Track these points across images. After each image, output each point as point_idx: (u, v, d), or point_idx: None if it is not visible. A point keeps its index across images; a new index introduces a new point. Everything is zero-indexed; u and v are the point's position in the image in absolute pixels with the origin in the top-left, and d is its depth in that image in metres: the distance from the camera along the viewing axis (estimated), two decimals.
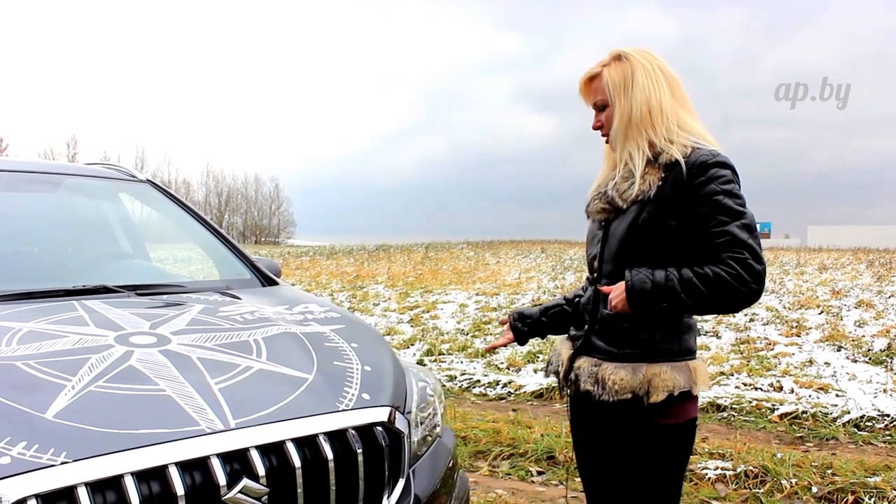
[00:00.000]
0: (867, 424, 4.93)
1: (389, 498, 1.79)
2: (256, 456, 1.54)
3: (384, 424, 1.82)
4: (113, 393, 1.59)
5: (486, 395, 6.34)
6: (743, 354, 7.12)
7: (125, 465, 1.40)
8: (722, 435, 4.80)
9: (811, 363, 6.62)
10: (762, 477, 3.76)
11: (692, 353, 1.80)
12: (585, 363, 1.82)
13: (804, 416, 5.12)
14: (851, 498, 3.51)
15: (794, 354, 7.00)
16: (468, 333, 9.09)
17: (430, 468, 2.02)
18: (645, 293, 1.69)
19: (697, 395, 1.79)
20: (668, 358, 1.74)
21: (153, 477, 1.43)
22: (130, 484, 1.39)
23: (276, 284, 2.87)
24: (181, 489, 1.42)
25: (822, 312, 9.14)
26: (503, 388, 6.37)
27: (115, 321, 2.00)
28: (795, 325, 8.40)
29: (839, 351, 7.08)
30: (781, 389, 5.82)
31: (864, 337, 7.56)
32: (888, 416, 4.98)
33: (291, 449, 1.60)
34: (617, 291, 1.74)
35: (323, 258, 24.95)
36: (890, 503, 3.45)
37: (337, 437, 1.70)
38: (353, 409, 1.79)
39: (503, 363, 7.32)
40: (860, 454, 4.31)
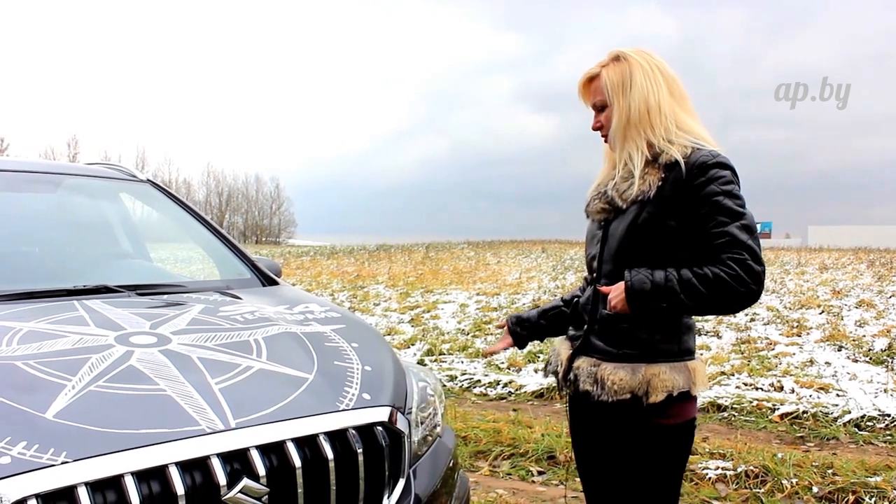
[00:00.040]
0: (868, 424, 4.92)
1: (390, 498, 1.79)
2: (257, 456, 1.54)
3: (384, 424, 1.81)
4: (113, 393, 1.59)
5: (486, 394, 6.35)
6: (744, 354, 7.12)
7: (125, 464, 1.40)
8: (722, 435, 4.80)
9: (812, 363, 6.61)
10: (763, 477, 3.76)
11: (691, 353, 1.80)
12: (584, 363, 1.82)
13: (805, 415, 5.12)
14: (852, 498, 3.51)
15: (794, 354, 6.99)
16: (469, 333, 9.08)
17: (430, 468, 2.02)
18: (644, 293, 1.69)
19: (696, 395, 1.79)
20: (667, 358, 1.74)
21: (153, 477, 1.43)
22: (130, 484, 1.39)
23: (276, 284, 2.87)
24: (181, 489, 1.42)
25: (822, 312, 9.14)
26: (504, 387, 6.37)
27: (115, 321, 2.00)
28: (796, 324, 8.40)
29: (840, 351, 7.07)
30: (782, 389, 5.82)
31: (864, 337, 7.56)
32: (889, 415, 4.98)
33: (292, 449, 1.60)
34: (616, 292, 1.74)
35: (323, 258, 24.95)
36: (891, 503, 3.45)
37: (337, 436, 1.70)
38: (353, 408, 1.79)
39: (504, 363, 7.32)
40: (861, 454, 4.31)
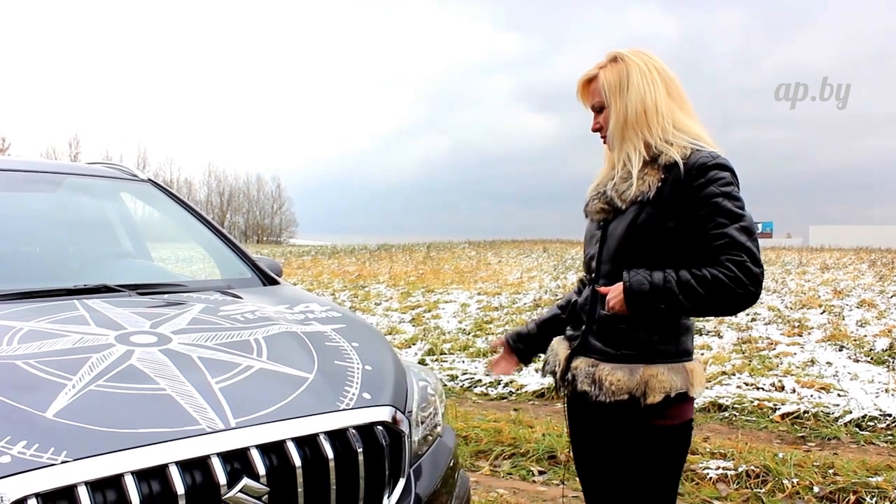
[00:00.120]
0: (869, 424, 4.92)
1: (390, 497, 1.79)
2: (257, 455, 1.54)
3: (385, 424, 1.81)
4: (113, 392, 1.59)
5: (487, 394, 6.35)
6: (745, 354, 7.11)
7: (125, 464, 1.40)
8: (723, 434, 4.80)
9: (813, 363, 6.61)
10: (764, 477, 3.76)
11: (689, 354, 1.80)
12: (582, 363, 1.82)
13: (806, 415, 5.12)
14: (853, 498, 3.50)
15: (795, 354, 6.99)
16: (470, 333, 9.09)
17: (430, 468, 2.02)
18: (643, 294, 1.68)
19: (694, 396, 1.79)
20: (665, 359, 1.74)
21: (153, 476, 1.43)
22: (131, 483, 1.39)
23: (277, 284, 2.87)
24: (181, 488, 1.42)
25: (823, 312, 9.13)
26: (504, 387, 6.37)
27: (115, 320, 2.00)
28: (797, 324, 8.39)
29: (841, 351, 7.07)
30: (783, 389, 5.82)
31: (865, 337, 7.55)
32: (890, 415, 4.98)
33: (292, 448, 1.59)
34: (615, 292, 1.73)
35: (325, 258, 24.95)
36: (892, 503, 3.44)
37: (337, 436, 1.70)
38: (353, 408, 1.79)
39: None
40: (862, 454, 4.31)
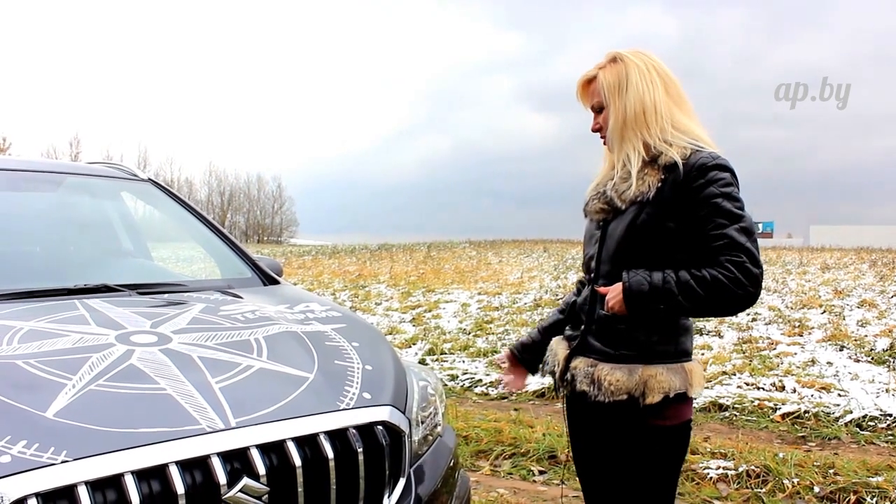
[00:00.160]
0: (869, 424, 4.92)
1: (390, 497, 1.79)
2: (257, 455, 1.54)
3: (385, 423, 1.81)
4: (113, 392, 1.59)
5: (487, 394, 6.35)
6: (745, 354, 7.11)
7: (125, 463, 1.40)
8: (724, 434, 4.80)
9: (813, 363, 6.61)
10: (764, 476, 3.76)
11: (688, 354, 1.80)
12: (581, 363, 1.82)
13: (806, 415, 5.12)
14: (853, 498, 3.50)
15: (796, 354, 6.99)
16: (470, 333, 9.09)
17: (431, 467, 2.02)
18: (642, 295, 1.68)
19: (693, 397, 1.79)
20: (664, 360, 1.74)
21: (153, 476, 1.43)
22: (131, 483, 1.39)
23: (277, 283, 2.87)
24: (181, 488, 1.42)
25: (824, 312, 9.12)
26: (505, 387, 6.37)
27: (116, 320, 2.00)
28: (798, 324, 8.39)
29: (842, 351, 7.06)
30: (784, 389, 5.82)
31: (866, 337, 7.55)
32: (890, 415, 4.98)
33: (292, 448, 1.59)
34: (614, 292, 1.73)
35: (325, 257, 24.95)
36: (892, 503, 3.44)
37: (337, 436, 1.70)
38: (353, 408, 1.79)
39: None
40: (862, 454, 4.31)
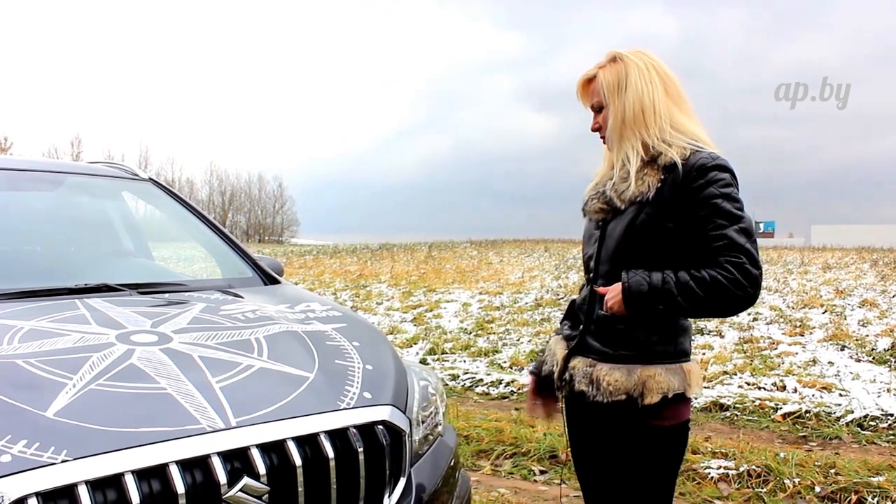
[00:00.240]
0: (871, 424, 4.91)
1: (390, 497, 1.79)
2: (257, 454, 1.54)
3: (385, 423, 1.81)
4: (114, 391, 1.60)
5: (488, 394, 6.35)
6: (746, 354, 7.11)
7: (126, 463, 1.40)
8: (725, 434, 4.80)
9: (815, 362, 6.60)
10: (765, 476, 3.75)
11: (687, 355, 1.80)
12: (580, 363, 1.82)
13: (807, 415, 5.11)
14: (854, 498, 3.50)
15: (797, 354, 6.98)
16: (471, 332, 9.09)
17: (431, 467, 2.02)
18: (641, 295, 1.68)
19: (691, 397, 1.79)
20: (663, 360, 1.74)
21: (154, 475, 1.43)
22: (131, 482, 1.39)
23: (278, 283, 2.87)
24: (182, 488, 1.42)
25: (825, 312, 9.11)
26: (506, 387, 6.37)
27: (116, 319, 2.00)
28: (799, 324, 8.38)
29: (843, 350, 7.06)
30: (785, 389, 5.81)
31: (867, 336, 7.54)
32: (892, 415, 4.97)
33: (292, 447, 1.60)
34: (613, 293, 1.73)
35: (326, 257, 24.94)
36: (893, 503, 3.44)
37: (338, 435, 1.70)
38: (354, 407, 1.79)
39: (506, 362, 7.32)
40: (863, 454, 4.30)
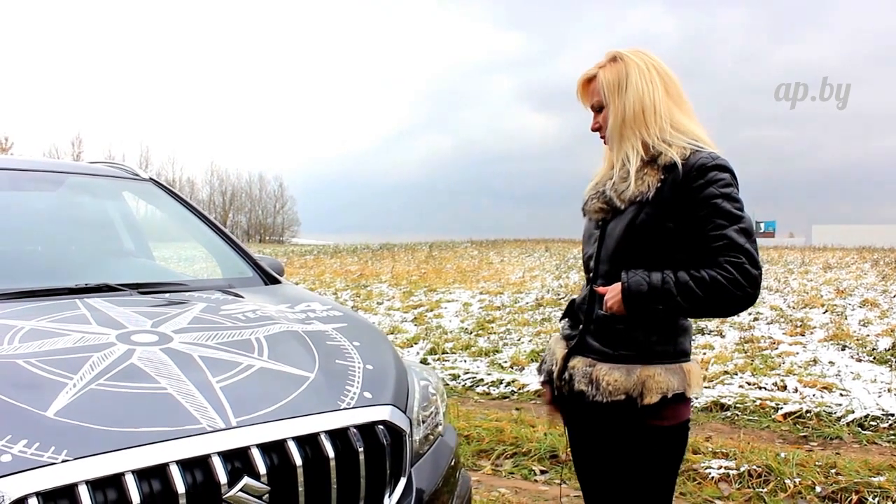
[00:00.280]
0: (871, 424, 4.91)
1: (391, 496, 1.79)
2: (257, 454, 1.54)
3: (386, 423, 1.81)
4: (114, 391, 1.60)
5: (489, 393, 6.35)
6: (747, 353, 7.10)
7: (126, 463, 1.40)
8: (725, 434, 4.80)
9: (815, 362, 6.60)
10: (766, 476, 3.75)
11: (687, 355, 1.80)
12: (580, 363, 1.82)
13: (808, 415, 5.11)
14: (855, 497, 3.50)
15: (798, 354, 6.98)
16: (472, 332, 9.09)
17: (431, 467, 2.02)
18: (641, 295, 1.68)
19: (691, 397, 1.79)
20: (662, 360, 1.74)
21: (154, 475, 1.43)
22: (131, 482, 1.39)
23: (278, 283, 2.87)
24: (182, 487, 1.42)
25: (826, 311, 9.11)
26: (506, 386, 6.37)
27: (117, 319, 2.00)
28: (800, 324, 8.38)
29: (843, 350, 7.05)
30: (785, 389, 5.81)
31: (868, 336, 7.53)
32: (892, 415, 4.97)
33: (293, 447, 1.60)
34: (613, 293, 1.73)
35: (327, 257, 24.94)
36: (894, 503, 3.43)
37: (338, 435, 1.70)
38: (354, 407, 1.79)
39: (507, 362, 7.32)
40: (864, 454, 4.30)
